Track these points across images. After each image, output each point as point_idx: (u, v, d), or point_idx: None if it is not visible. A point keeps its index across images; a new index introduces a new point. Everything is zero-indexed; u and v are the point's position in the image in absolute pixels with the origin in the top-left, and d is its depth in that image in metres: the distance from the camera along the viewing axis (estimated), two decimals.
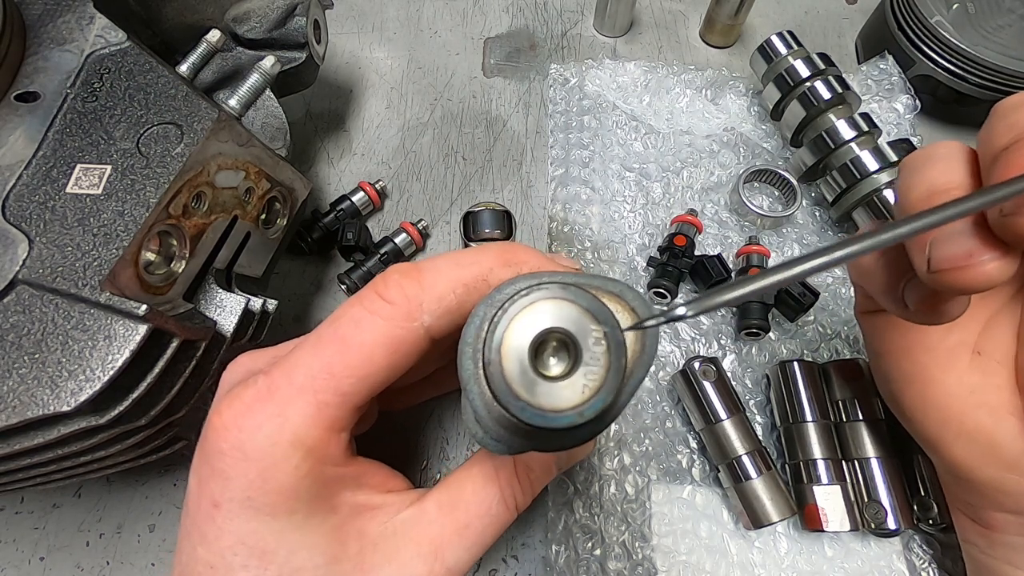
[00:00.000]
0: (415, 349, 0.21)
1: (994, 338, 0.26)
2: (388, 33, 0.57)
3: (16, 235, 0.26)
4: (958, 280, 0.19)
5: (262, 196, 0.34)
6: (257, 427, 0.20)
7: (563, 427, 0.13)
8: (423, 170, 0.50)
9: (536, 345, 0.14)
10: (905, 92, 0.50)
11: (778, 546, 0.36)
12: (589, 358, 0.13)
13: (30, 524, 0.36)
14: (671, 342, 0.42)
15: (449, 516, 0.23)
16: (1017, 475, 0.26)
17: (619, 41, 0.58)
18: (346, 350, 0.20)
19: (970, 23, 0.48)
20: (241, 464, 0.20)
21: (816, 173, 0.46)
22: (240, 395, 0.21)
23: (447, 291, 0.20)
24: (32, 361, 0.24)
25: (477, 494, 0.24)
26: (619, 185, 0.48)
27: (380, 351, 0.20)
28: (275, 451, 0.20)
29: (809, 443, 0.35)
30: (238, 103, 0.33)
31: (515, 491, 0.24)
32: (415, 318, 0.20)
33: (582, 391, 0.13)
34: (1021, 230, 0.18)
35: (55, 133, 0.28)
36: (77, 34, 0.31)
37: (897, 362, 0.29)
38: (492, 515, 0.23)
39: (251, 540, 0.20)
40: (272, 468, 0.20)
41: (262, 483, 0.20)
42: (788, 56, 0.47)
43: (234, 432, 0.20)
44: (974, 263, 0.19)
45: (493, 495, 0.24)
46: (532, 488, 0.25)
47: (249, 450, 0.20)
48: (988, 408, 0.26)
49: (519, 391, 0.13)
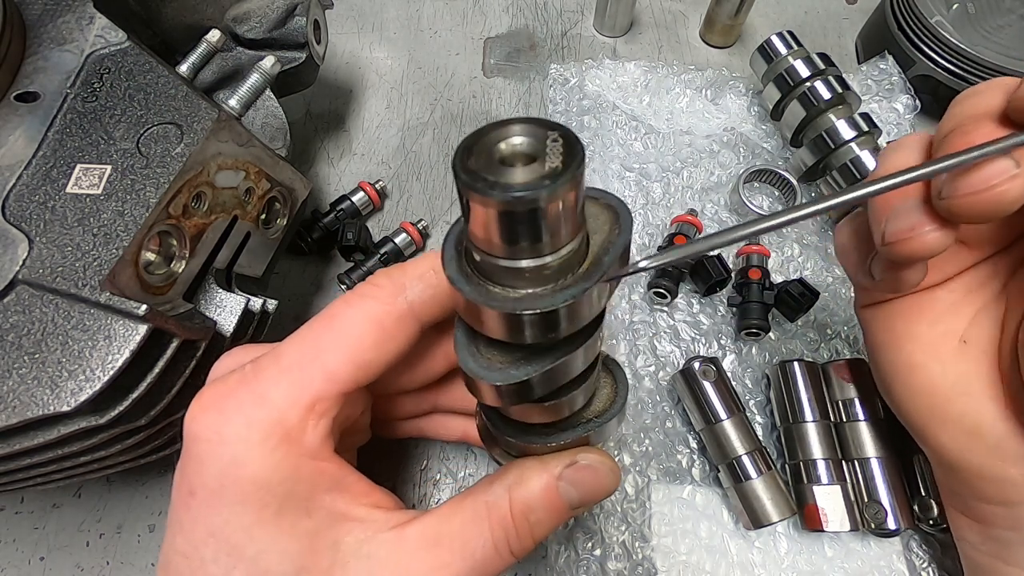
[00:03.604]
0: (402, 329, 0.22)
1: (979, 329, 0.27)
2: (388, 33, 0.57)
3: (16, 235, 0.26)
4: (905, 249, 0.23)
5: (262, 196, 0.34)
6: (236, 409, 0.20)
7: (530, 204, 0.14)
8: (423, 170, 0.50)
9: (502, 157, 0.15)
10: (905, 92, 0.50)
11: (778, 546, 0.36)
12: (549, 151, 0.14)
13: (30, 524, 0.36)
14: (671, 342, 0.42)
15: (429, 552, 0.21)
16: (1000, 461, 0.26)
17: (619, 41, 0.58)
18: (333, 327, 0.21)
19: (970, 23, 0.48)
20: (216, 448, 0.20)
21: (816, 173, 0.46)
22: (225, 380, 0.21)
23: (426, 269, 0.22)
24: (32, 361, 0.24)
25: (463, 532, 0.21)
26: (619, 185, 0.48)
27: (367, 327, 0.21)
28: (251, 434, 0.20)
29: (809, 443, 0.35)
30: (238, 103, 0.33)
31: (509, 534, 0.21)
32: (399, 294, 0.22)
33: (546, 168, 0.14)
34: (955, 210, 0.21)
35: (55, 133, 0.28)
36: (77, 34, 0.31)
37: (889, 353, 0.30)
38: (477, 559, 0.21)
39: (221, 533, 0.20)
40: (246, 453, 0.20)
41: (235, 469, 0.20)
42: (788, 56, 0.47)
43: (212, 415, 0.20)
44: (917, 234, 0.22)
45: (480, 536, 0.21)
46: (532, 532, 0.22)
47: (226, 434, 0.20)
48: (971, 395, 0.27)
49: (488, 175, 0.14)
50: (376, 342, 0.21)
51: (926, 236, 0.22)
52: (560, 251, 0.15)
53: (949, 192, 0.21)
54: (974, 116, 0.22)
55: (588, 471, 0.22)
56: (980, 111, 0.22)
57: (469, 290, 0.16)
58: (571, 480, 0.22)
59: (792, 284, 0.40)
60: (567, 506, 0.22)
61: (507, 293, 0.16)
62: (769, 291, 0.40)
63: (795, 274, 0.44)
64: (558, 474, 0.22)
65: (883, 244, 0.24)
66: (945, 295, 0.28)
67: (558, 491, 0.22)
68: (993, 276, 0.28)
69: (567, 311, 0.16)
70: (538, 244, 0.15)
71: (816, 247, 0.45)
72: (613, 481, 0.23)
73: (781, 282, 0.42)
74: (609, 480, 0.23)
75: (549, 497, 0.22)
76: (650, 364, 0.41)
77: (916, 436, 0.30)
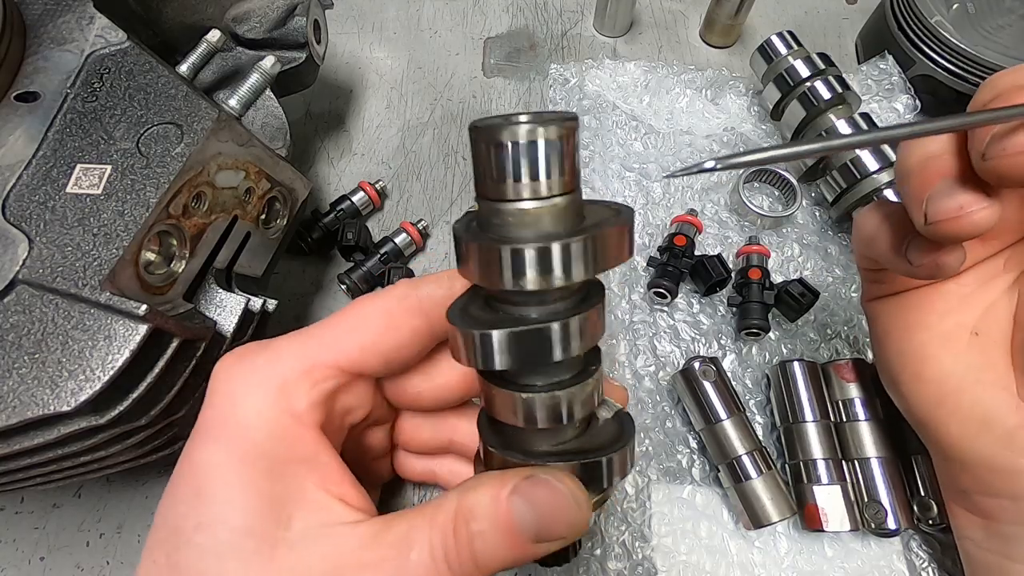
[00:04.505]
0: (409, 321, 0.23)
1: (992, 320, 0.27)
2: (388, 33, 0.57)
3: (16, 235, 0.26)
4: (952, 229, 0.22)
5: (262, 196, 0.34)
6: (252, 360, 0.22)
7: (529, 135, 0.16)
8: (423, 170, 0.50)
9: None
10: (905, 92, 0.50)
11: (778, 546, 0.36)
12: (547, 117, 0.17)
13: (30, 524, 0.36)
14: (671, 342, 0.42)
15: (368, 549, 0.20)
16: (1010, 451, 0.26)
17: (619, 41, 0.58)
18: (348, 312, 0.23)
19: (970, 23, 0.48)
20: (223, 387, 0.22)
21: (816, 173, 0.46)
22: (253, 342, 0.23)
23: (442, 274, 0.24)
24: (32, 361, 0.24)
25: (408, 534, 0.20)
26: (619, 185, 0.48)
27: (376, 313, 0.23)
28: (253, 380, 0.21)
29: (809, 443, 0.35)
30: (238, 103, 0.33)
31: (447, 542, 0.19)
32: (412, 291, 0.23)
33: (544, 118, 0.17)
34: (1002, 170, 0.21)
35: (55, 133, 0.28)
36: (77, 34, 0.31)
37: (898, 343, 0.30)
38: (411, 563, 0.19)
39: (200, 469, 0.21)
40: (244, 396, 0.21)
41: (230, 407, 0.21)
42: (788, 56, 0.47)
43: (232, 361, 0.22)
44: (964, 213, 0.22)
45: (420, 540, 0.19)
46: (473, 546, 0.19)
47: (234, 377, 0.22)
48: (983, 384, 0.27)
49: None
50: (383, 327, 0.23)
51: (975, 215, 0.22)
52: (553, 198, 0.17)
53: (995, 152, 0.20)
54: (1017, 86, 0.22)
55: (545, 488, 0.19)
56: (1021, 82, 0.22)
57: (458, 226, 0.18)
58: (524, 494, 0.19)
59: (792, 284, 0.40)
60: (518, 526, 0.19)
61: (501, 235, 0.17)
62: (769, 291, 0.40)
63: (795, 274, 0.44)
64: (512, 486, 0.19)
65: (927, 224, 0.23)
66: (956, 288, 0.28)
67: (508, 504, 0.19)
68: (1005, 270, 0.28)
69: (549, 257, 0.16)
70: (534, 182, 0.17)
71: (816, 247, 0.45)
72: (575, 512, 0.19)
73: (781, 282, 0.42)
74: (569, 508, 0.19)
75: (496, 509, 0.19)
76: (650, 364, 0.41)
77: (921, 429, 0.30)
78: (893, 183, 0.42)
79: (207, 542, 0.20)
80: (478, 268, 0.18)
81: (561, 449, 0.21)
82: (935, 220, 0.23)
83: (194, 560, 0.20)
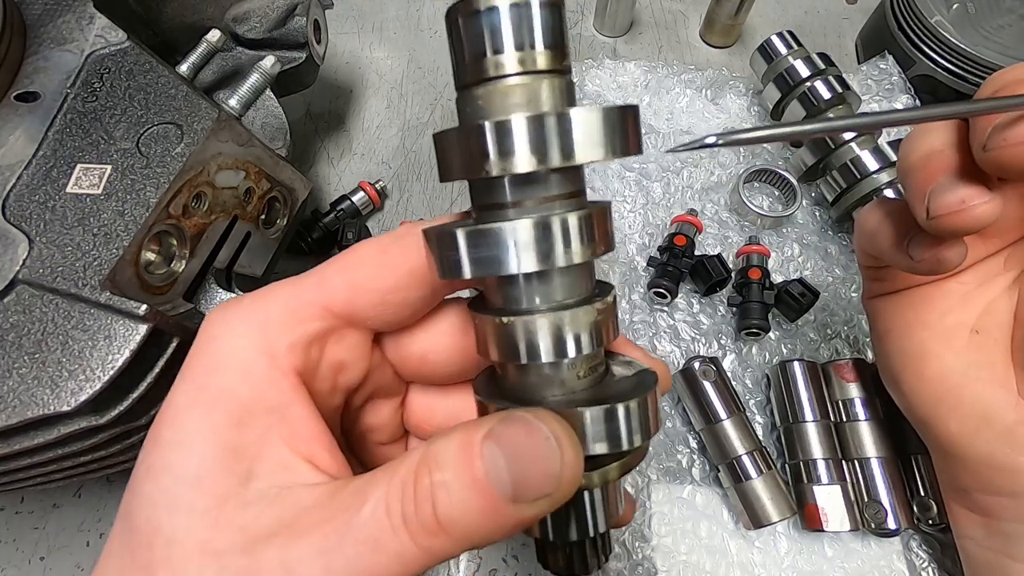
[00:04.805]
0: (405, 258, 0.20)
1: (992, 319, 0.28)
2: (388, 33, 0.57)
3: (16, 235, 0.26)
4: (954, 223, 0.23)
5: (262, 196, 0.34)
6: (238, 303, 0.20)
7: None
8: (423, 170, 0.50)
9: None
10: (905, 92, 0.50)
11: (778, 546, 0.36)
12: None
13: (30, 524, 0.36)
14: (671, 342, 0.42)
15: (319, 507, 0.17)
16: (1009, 448, 0.26)
17: (619, 41, 0.58)
18: (340, 254, 0.21)
19: (970, 23, 0.48)
20: (207, 328, 0.20)
21: (816, 173, 0.46)
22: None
23: (445, 216, 0.22)
24: (32, 361, 0.24)
25: (365, 486, 0.17)
26: (619, 185, 0.48)
27: (372, 250, 0.20)
28: (235, 318, 0.19)
29: (809, 443, 0.35)
30: (238, 103, 0.33)
31: (405, 492, 0.16)
32: (412, 227, 0.21)
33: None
34: (1004, 161, 0.21)
35: (55, 133, 0.28)
36: (77, 34, 0.31)
37: (899, 340, 0.30)
38: (363, 517, 0.16)
39: (163, 413, 0.19)
40: (223, 333, 0.19)
41: (210, 343, 0.19)
42: (788, 56, 0.47)
43: (223, 306, 0.20)
44: (966, 207, 0.22)
45: (376, 491, 0.16)
46: (434, 498, 0.15)
47: (217, 319, 0.20)
48: (983, 382, 0.27)
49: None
50: (376, 265, 0.20)
51: (977, 209, 0.22)
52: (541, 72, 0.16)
53: (996, 143, 0.21)
54: (1018, 79, 0.22)
55: (520, 427, 0.16)
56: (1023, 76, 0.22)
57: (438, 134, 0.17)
58: (497, 436, 0.16)
59: (792, 284, 0.40)
60: (488, 476, 0.15)
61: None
62: (769, 291, 0.40)
63: (795, 274, 0.44)
64: (487, 429, 0.16)
65: (929, 219, 0.23)
66: (957, 287, 0.28)
67: (478, 449, 0.16)
68: (1005, 268, 0.28)
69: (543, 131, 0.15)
70: (520, 51, 0.16)
71: (816, 247, 0.45)
72: (555, 460, 0.16)
73: (781, 282, 0.42)
74: (550, 454, 0.15)
75: (464, 454, 0.16)
76: None
77: (922, 426, 0.30)
78: (893, 183, 0.42)
79: (153, 491, 0.17)
80: (459, 157, 0.16)
81: (567, 400, 0.18)
82: (937, 214, 0.23)
83: (145, 509, 0.17)
